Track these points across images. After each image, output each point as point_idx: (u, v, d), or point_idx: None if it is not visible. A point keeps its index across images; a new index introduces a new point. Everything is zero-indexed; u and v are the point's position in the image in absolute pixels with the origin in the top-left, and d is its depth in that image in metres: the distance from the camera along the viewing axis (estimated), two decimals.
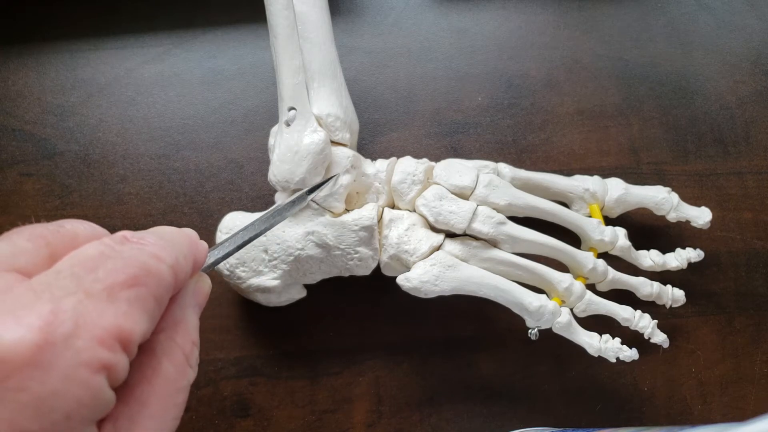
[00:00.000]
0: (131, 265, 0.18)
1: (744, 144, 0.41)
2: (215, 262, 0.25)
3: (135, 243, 0.19)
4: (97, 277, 0.17)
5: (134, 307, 0.17)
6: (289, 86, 0.32)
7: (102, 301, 0.17)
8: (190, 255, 0.21)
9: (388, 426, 0.37)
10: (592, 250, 0.36)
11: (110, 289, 0.17)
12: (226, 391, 0.37)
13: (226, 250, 0.26)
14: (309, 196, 0.32)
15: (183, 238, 0.21)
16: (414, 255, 0.33)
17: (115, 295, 0.17)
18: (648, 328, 0.34)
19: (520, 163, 0.40)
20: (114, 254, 0.18)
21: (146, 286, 0.18)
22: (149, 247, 0.19)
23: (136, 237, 0.19)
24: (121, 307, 0.17)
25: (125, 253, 0.18)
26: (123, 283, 0.17)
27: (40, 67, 0.40)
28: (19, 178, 0.39)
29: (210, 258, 0.25)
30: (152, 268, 0.18)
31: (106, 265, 0.17)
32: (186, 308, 0.21)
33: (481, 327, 0.38)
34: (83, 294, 0.17)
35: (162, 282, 0.19)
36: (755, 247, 0.40)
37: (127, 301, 0.17)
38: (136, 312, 0.17)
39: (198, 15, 0.41)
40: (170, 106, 0.40)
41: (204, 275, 0.23)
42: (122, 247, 0.19)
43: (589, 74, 0.42)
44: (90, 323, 0.16)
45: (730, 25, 0.43)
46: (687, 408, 0.38)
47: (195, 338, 0.21)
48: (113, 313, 0.17)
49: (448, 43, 0.42)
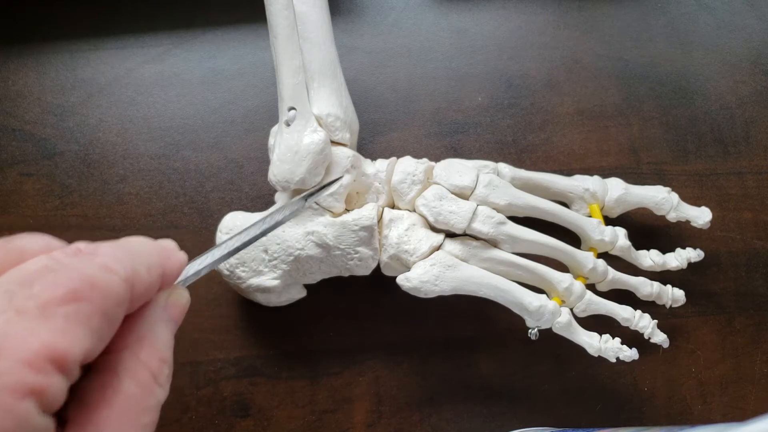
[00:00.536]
0: (73, 279, 0.17)
1: (744, 144, 0.41)
2: (196, 273, 0.24)
3: (87, 254, 0.18)
4: (31, 293, 0.16)
5: (72, 324, 0.16)
6: (289, 86, 0.32)
7: (34, 319, 0.16)
8: (157, 267, 0.20)
9: (388, 426, 0.37)
10: (592, 250, 0.36)
11: (45, 305, 0.16)
12: (226, 391, 0.37)
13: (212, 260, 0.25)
14: (306, 201, 0.31)
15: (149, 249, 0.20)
16: (414, 255, 0.33)
17: (51, 312, 0.16)
18: (648, 328, 0.34)
19: (520, 163, 0.40)
20: (58, 268, 0.17)
21: (90, 300, 0.17)
22: (100, 258, 0.18)
23: (89, 248, 0.18)
24: (56, 324, 0.16)
25: (70, 266, 0.17)
26: (61, 299, 0.16)
27: (40, 67, 0.40)
28: (19, 178, 0.39)
29: (190, 269, 0.24)
30: (99, 281, 0.17)
31: (44, 280, 0.16)
32: (155, 323, 0.20)
33: (481, 327, 0.38)
34: (13, 312, 0.15)
35: (111, 295, 0.17)
36: (755, 247, 0.40)
37: (64, 318, 0.16)
38: (76, 329, 0.16)
39: (198, 15, 0.41)
40: (170, 106, 0.40)
41: (180, 288, 0.22)
42: (70, 259, 0.17)
43: (589, 74, 0.42)
44: (16, 344, 0.15)
45: (730, 25, 0.43)
46: (687, 408, 0.38)
47: (164, 355, 0.19)
48: (46, 332, 0.15)
49: (448, 43, 0.42)
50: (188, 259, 0.22)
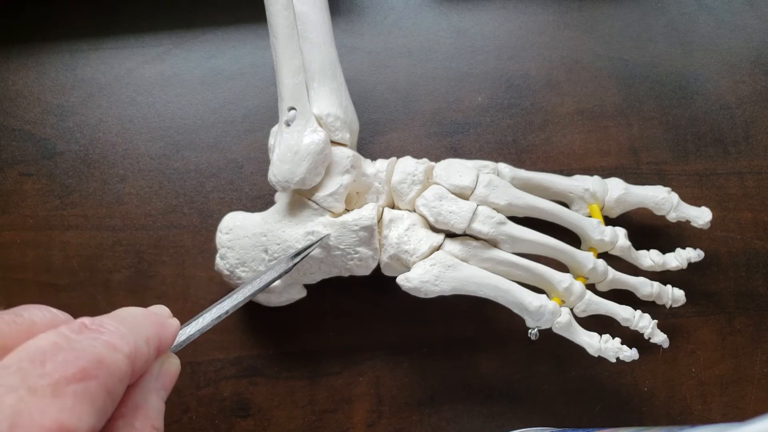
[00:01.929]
0: (82, 358, 0.17)
1: (744, 144, 0.41)
2: (188, 339, 0.25)
3: (93, 331, 0.19)
4: (44, 371, 0.17)
5: (81, 402, 0.17)
6: (289, 86, 0.32)
7: (46, 398, 0.16)
8: (154, 338, 0.21)
9: (388, 426, 0.37)
10: (592, 250, 0.36)
11: (56, 384, 0.16)
12: (226, 391, 0.37)
13: (202, 324, 0.26)
14: (293, 261, 0.32)
15: (147, 320, 0.21)
16: (414, 255, 0.33)
17: (61, 390, 0.16)
18: (648, 328, 0.34)
19: (520, 163, 0.40)
20: (67, 345, 0.17)
21: (97, 378, 0.17)
22: (106, 336, 0.19)
23: (95, 324, 0.19)
24: (66, 402, 0.16)
25: (79, 344, 0.18)
26: (71, 378, 0.17)
27: (40, 67, 0.40)
28: (19, 178, 0.39)
29: (182, 335, 0.25)
30: (106, 360, 0.18)
31: (55, 358, 0.17)
32: (149, 392, 0.21)
33: (481, 327, 0.38)
34: (26, 391, 0.16)
35: (116, 373, 0.18)
36: (755, 247, 0.40)
37: (73, 396, 0.16)
38: (83, 407, 0.17)
39: (198, 15, 0.41)
40: (170, 106, 0.40)
41: (172, 356, 0.23)
42: (78, 336, 0.18)
43: (589, 74, 0.42)
44: (29, 422, 0.16)
45: (730, 25, 0.43)
46: (687, 408, 0.38)
47: (156, 423, 0.20)
48: (56, 410, 0.16)
49: (448, 43, 0.42)
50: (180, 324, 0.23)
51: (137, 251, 0.38)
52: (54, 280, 0.38)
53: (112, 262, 0.38)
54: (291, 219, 0.33)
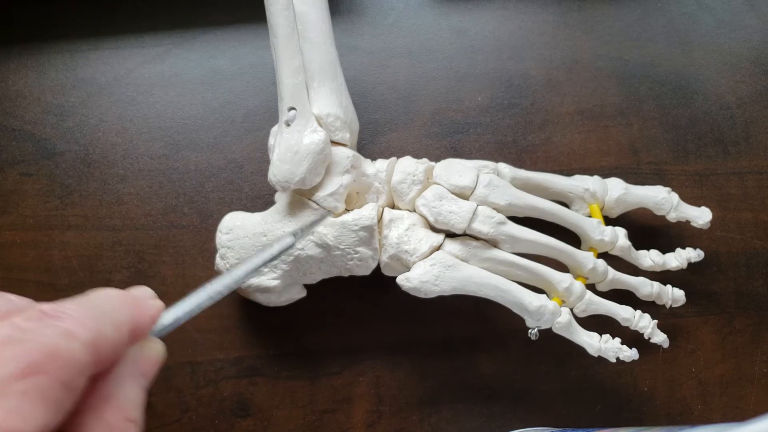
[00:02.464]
0: (32, 351, 0.16)
1: (744, 144, 0.41)
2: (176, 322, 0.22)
3: (51, 317, 0.17)
4: None
5: (28, 400, 0.15)
6: (289, 86, 0.32)
7: None
8: (127, 322, 0.19)
9: (388, 426, 0.37)
10: (592, 250, 0.36)
11: (1, 383, 0.15)
12: (226, 391, 0.37)
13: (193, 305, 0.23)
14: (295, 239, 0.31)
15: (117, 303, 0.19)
16: (414, 255, 0.33)
17: (6, 390, 0.15)
18: (648, 328, 0.34)
19: (520, 163, 0.40)
20: (18, 338, 0.16)
21: (48, 372, 0.16)
22: (64, 323, 0.17)
23: (55, 311, 0.17)
24: (9, 403, 0.15)
25: (30, 335, 0.16)
26: (17, 375, 0.15)
27: (40, 67, 0.40)
28: (19, 178, 0.39)
29: (167, 317, 0.22)
30: (60, 350, 0.16)
31: (1, 355, 0.16)
32: (122, 381, 0.19)
33: (481, 327, 0.38)
34: None
35: (71, 363, 0.16)
36: (755, 247, 0.40)
37: (20, 395, 0.15)
38: (31, 406, 0.15)
39: (198, 15, 0.41)
40: (170, 106, 0.40)
41: (153, 340, 0.21)
42: (33, 325, 0.17)
43: (589, 74, 0.42)
44: None
45: (730, 25, 0.43)
46: (687, 408, 0.38)
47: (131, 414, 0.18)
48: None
49: (448, 43, 0.42)
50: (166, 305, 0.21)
51: (137, 251, 0.38)
52: (54, 280, 0.38)
53: (112, 262, 0.38)
54: (291, 219, 0.33)
